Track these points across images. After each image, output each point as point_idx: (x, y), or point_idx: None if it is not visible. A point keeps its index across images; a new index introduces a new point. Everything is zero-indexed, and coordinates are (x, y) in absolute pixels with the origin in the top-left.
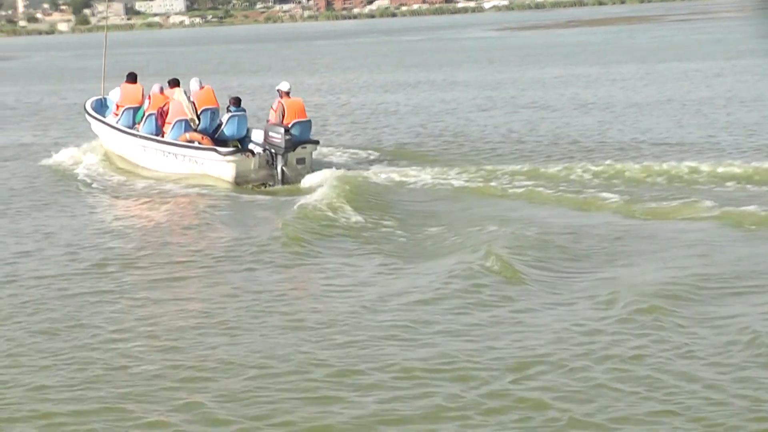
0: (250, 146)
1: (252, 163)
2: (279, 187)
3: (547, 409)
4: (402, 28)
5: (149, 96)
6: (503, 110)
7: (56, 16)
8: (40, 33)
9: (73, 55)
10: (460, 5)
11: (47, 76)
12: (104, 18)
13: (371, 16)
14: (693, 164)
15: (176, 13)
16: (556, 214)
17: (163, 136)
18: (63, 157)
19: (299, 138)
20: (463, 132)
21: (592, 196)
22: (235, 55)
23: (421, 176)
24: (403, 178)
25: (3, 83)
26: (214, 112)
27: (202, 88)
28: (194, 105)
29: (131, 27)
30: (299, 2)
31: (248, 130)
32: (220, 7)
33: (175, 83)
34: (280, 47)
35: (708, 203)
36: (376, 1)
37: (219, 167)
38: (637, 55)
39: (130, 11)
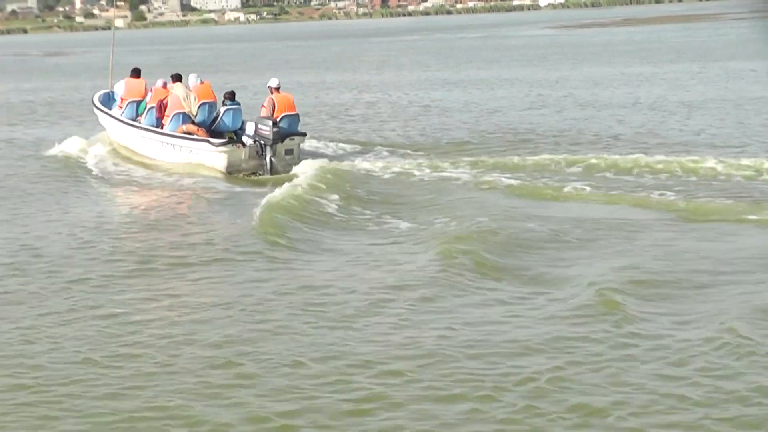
0: (243, 138)
1: (242, 153)
2: (268, 176)
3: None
4: (457, 25)
5: (151, 89)
6: (550, 108)
7: (113, 12)
8: (96, 29)
9: (129, 51)
10: (515, 3)
11: (99, 71)
12: (114, 16)
13: (426, 13)
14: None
15: (231, 10)
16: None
17: (162, 128)
18: (71, 147)
19: (288, 130)
20: (508, 129)
21: (646, 196)
22: (288, 52)
23: (436, 170)
24: (420, 171)
25: (55, 79)
26: (212, 106)
27: (201, 83)
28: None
29: (186, 23)
30: None
31: (243, 123)
32: (276, 3)
33: (177, 78)
34: (334, 44)
35: None
36: None
37: (212, 157)
38: (691, 53)
39: (186, 8)
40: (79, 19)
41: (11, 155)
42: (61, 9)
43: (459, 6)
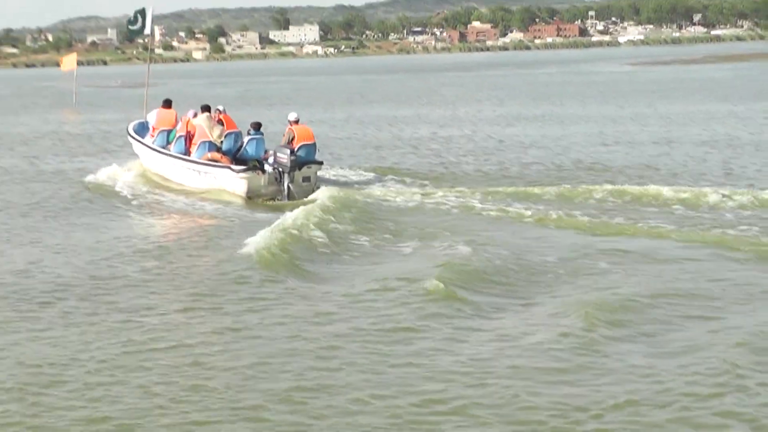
0: (265, 166)
1: (262, 179)
2: (286, 201)
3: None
4: (535, 61)
5: (181, 119)
6: (617, 145)
7: (192, 44)
8: (175, 60)
9: (208, 83)
10: (594, 39)
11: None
12: (149, 49)
13: (504, 48)
14: None
15: (310, 43)
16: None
17: (189, 155)
18: (106, 173)
19: (305, 159)
20: (579, 163)
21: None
22: (365, 85)
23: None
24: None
25: (130, 110)
26: (237, 135)
27: (223, 114)
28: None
29: (265, 56)
30: (432, 33)
31: (266, 151)
32: (354, 37)
33: (205, 109)
34: (411, 78)
35: None
36: (510, 34)
37: (233, 183)
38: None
39: (265, 40)
40: (158, 50)
41: (53, 180)
42: (140, 41)
43: (537, 41)
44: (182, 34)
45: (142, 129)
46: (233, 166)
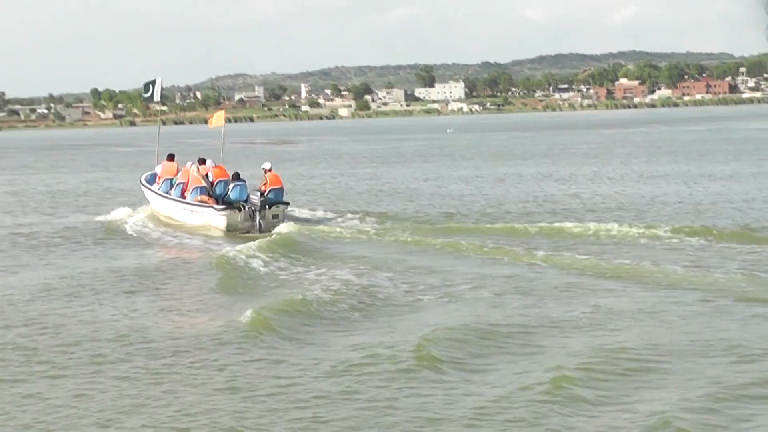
0: (243, 205)
1: (239, 216)
2: (257, 233)
3: None
4: (683, 118)
5: (181, 170)
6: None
7: (337, 101)
8: (321, 118)
9: (352, 140)
10: (745, 95)
11: (318, 157)
12: (159, 111)
13: (652, 105)
14: None
15: (455, 100)
16: None
17: (185, 198)
18: (119, 214)
19: (274, 200)
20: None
21: None
22: (509, 142)
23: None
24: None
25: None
26: (226, 183)
27: (216, 166)
28: (209, 176)
29: (410, 113)
30: (579, 90)
31: (248, 195)
32: (499, 94)
33: (201, 161)
34: (556, 135)
35: None
36: (657, 91)
37: (216, 219)
38: None
39: (410, 97)
40: (304, 107)
41: (77, 221)
42: (287, 98)
43: (686, 98)
44: (328, 91)
45: (153, 178)
46: (215, 206)
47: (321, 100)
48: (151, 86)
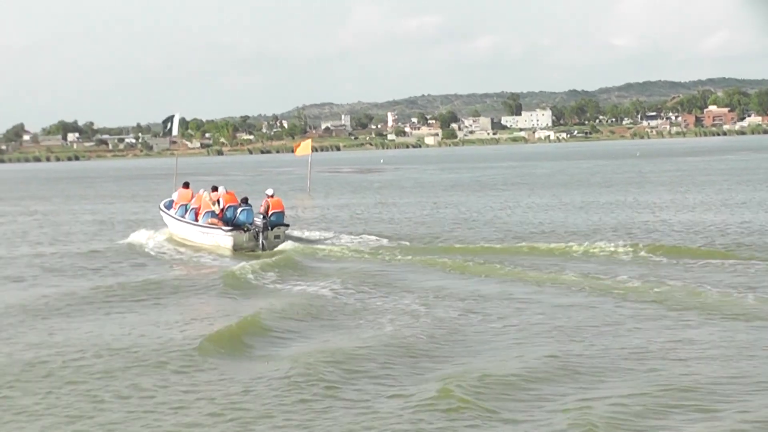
0: (248, 227)
1: (244, 237)
2: (261, 252)
3: None
4: None
5: (195, 196)
6: None
7: (424, 129)
8: (407, 146)
9: (439, 169)
10: None
11: (402, 187)
12: (173, 144)
13: (742, 132)
14: None
15: (542, 128)
16: None
17: (197, 221)
18: (139, 237)
19: (275, 222)
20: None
21: None
22: (593, 170)
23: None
24: None
25: (363, 192)
26: (235, 207)
27: (228, 192)
28: (220, 202)
29: (496, 141)
30: (667, 118)
31: (254, 218)
32: (587, 122)
33: (214, 189)
34: (643, 163)
35: None
36: (747, 118)
37: (224, 239)
38: None
39: (497, 126)
40: (390, 136)
41: (100, 243)
42: (373, 126)
43: None
44: (415, 119)
45: (170, 204)
46: (223, 227)
47: (407, 129)
48: (169, 123)
